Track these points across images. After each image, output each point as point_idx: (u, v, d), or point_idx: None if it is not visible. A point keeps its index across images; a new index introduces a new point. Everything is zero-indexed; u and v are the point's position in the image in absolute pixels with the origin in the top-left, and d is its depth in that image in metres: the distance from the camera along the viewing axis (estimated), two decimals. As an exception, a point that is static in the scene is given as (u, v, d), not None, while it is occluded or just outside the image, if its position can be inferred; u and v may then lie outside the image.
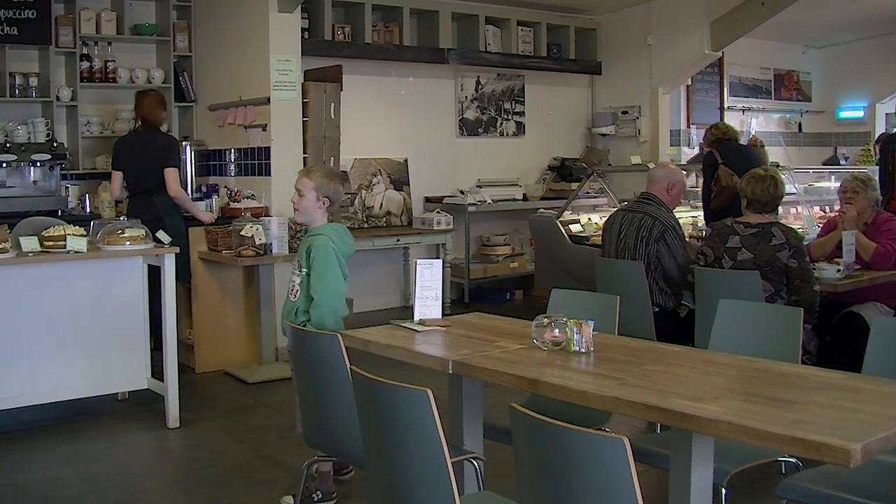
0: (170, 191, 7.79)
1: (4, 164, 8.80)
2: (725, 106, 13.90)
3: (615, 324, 4.62)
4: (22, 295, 6.38)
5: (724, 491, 3.70)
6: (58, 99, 9.35)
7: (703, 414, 2.95)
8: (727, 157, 8.44)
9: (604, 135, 12.83)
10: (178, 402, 6.60)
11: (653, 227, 6.44)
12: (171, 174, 7.88)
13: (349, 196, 10.59)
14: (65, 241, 6.26)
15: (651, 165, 9.96)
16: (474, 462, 3.97)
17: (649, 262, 6.41)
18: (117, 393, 7.10)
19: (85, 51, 9.58)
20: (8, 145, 8.79)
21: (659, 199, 6.62)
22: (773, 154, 12.09)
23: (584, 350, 3.84)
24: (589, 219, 10.12)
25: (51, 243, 6.27)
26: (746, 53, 13.73)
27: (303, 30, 9.57)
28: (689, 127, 13.27)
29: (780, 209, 7.32)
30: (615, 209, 7.33)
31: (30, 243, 6.24)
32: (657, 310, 6.28)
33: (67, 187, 9.33)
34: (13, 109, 9.27)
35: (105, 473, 5.73)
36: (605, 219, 9.77)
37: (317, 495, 4.99)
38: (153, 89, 8.57)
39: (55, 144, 9.06)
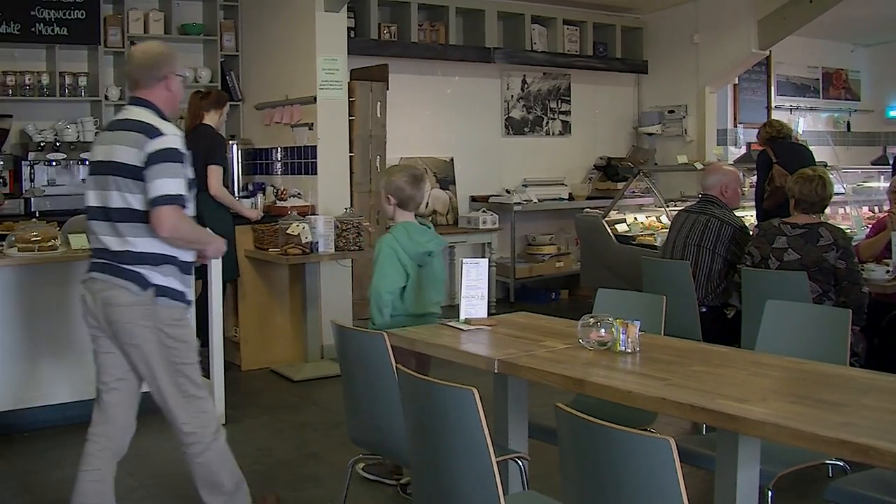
0: (210, 188, 7.70)
1: (54, 163, 8.91)
2: (773, 105, 13.80)
3: (661, 324, 4.60)
4: (71, 291, 6.44)
5: (770, 493, 3.67)
6: (106, 98, 9.43)
7: (750, 415, 2.94)
8: (781, 155, 8.37)
9: (650, 134, 12.77)
10: (224, 399, 6.63)
11: (721, 229, 6.42)
12: (212, 171, 7.70)
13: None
14: (114, 238, 6.31)
15: (698, 165, 9.93)
16: (519, 461, 3.97)
17: (712, 263, 6.40)
18: (164, 389, 7.15)
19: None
20: (58, 144, 8.89)
21: (720, 200, 6.61)
22: (821, 154, 11.97)
23: (629, 350, 3.83)
24: (635, 218, 10.09)
25: (100, 241, 6.32)
26: (794, 52, 13.63)
27: (349, 29, 9.59)
28: (735, 126, 13.18)
29: (828, 209, 7.26)
30: (679, 210, 7.29)
31: (79, 241, 6.30)
32: (704, 310, 6.26)
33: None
34: (63, 108, 9.37)
35: (152, 469, 5.79)
36: (650, 218, 9.79)
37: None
38: (212, 90, 8.53)
39: (104, 143, 9.14)
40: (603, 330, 3.90)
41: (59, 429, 6.57)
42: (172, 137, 4.21)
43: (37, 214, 8.41)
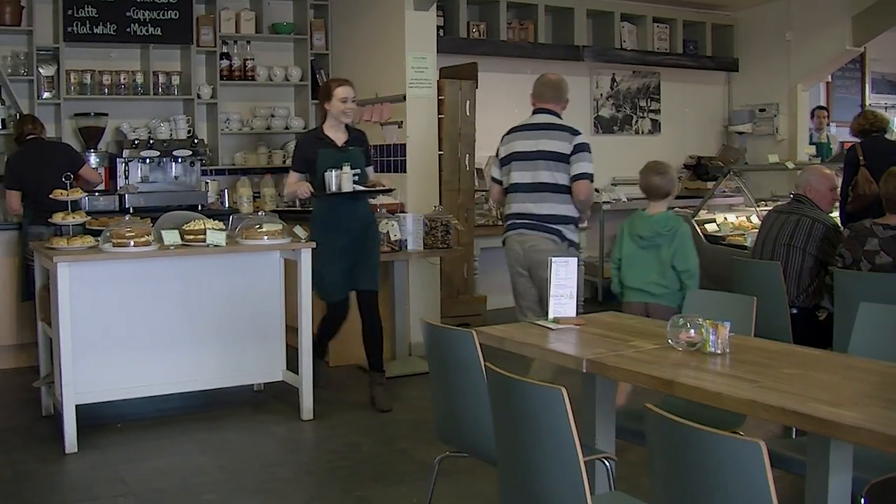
0: None
1: (148, 160, 9.08)
2: (867, 103, 13.57)
3: (751, 325, 4.55)
4: (163, 287, 6.56)
5: (862, 501, 3.60)
6: (198, 97, 9.58)
7: (843, 420, 2.89)
8: (870, 155, 8.18)
9: (741, 133, 12.63)
10: (312, 395, 6.71)
11: (812, 227, 6.34)
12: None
13: (483, 193, 10.61)
14: (205, 234, 6.40)
15: (789, 165, 9.80)
16: (606, 462, 3.95)
17: (803, 262, 6.32)
18: (253, 384, 7.25)
19: (225, 50, 9.80)
20: (151, 142, 9.05)
21: (812, 201, 6.52)
22: (917, 153, 11.73)
23: (719, 351, 3.79)
24: (725, 218, 9.97)
25: (191, 237, 6.42)
26: (890, 48, 13.38)
27: (438, 27, 9.61)
28: (828, 125, 12.97)
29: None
30: (769, 210, 7.21)
31: (171, 237, 6.41)
32: (795, 311, 6.18)
33: (207, 182, 9.56)
34: (156, 107, 9.55)
35: (241, 462, 5.87)
36: (740, 218, 9.69)
37: None
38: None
39: (196, 141, 9.31)
40: (692, 330, 3.87)
41: (150, 420, 6.72)
42: (584, 135, 6.43)
43: (130, 210, 8.55)
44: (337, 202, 6.87)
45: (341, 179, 6.75)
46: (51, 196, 6.64)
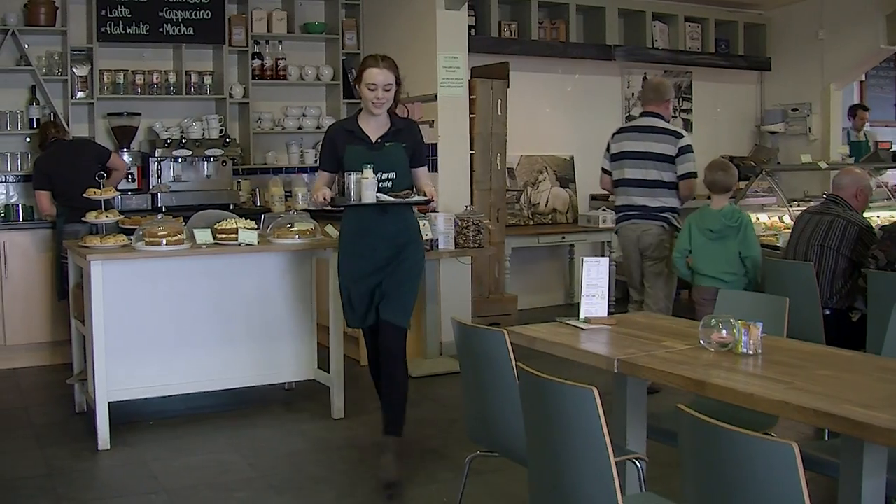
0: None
1: (180, 159, 9.13)
2: (902, 102, 13.49)
3: (784, 326, 4.53)
4: (195, 285, 6.59)
5: (896, 503, 3.60)
6: (231, 96, 9.63)
7: (876, 422, 2.87)
8: None
9: (773, 132, 12.56)
10: (343, 394, 6.72)
11: (846, 228, 6.30)
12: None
13: (515, 193, 10.62)
14: (237, 234, 6.43)
15: (822, 164, 9.75)
16: (637, 462, 3.95)
17: (836, 263, 6.29)
18: (284, 382, 7.27)
19: (257, 49, 9.84)
20: (183, 141, 9.10)
21: (847, 201, 6.49)
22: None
23: (751, 352, 3.78)
24: (757, 218, 9.90)
25: (223, 236, 6.45)
26: (926, 48, 13.29)
27: (469, 27, 9.61)
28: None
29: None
30: (802, 210, 7.20)
31: (203, 235, 6.44)
32: (828, 313, 6.14)
33: (239, 182, 9.60)
34: (189, 106, 9.61)
35: (272, 460, 5.89)
36: (773, 218, 9.63)
37: None
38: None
39: (228, 140, 9.35)
40: (724, 331, 3.86)
41: (181, 418, 6.75)
42: (687, 137, 7.46)
43: (163, 209, 8.60)
44: (362, 214, 5.54)
45: (361, 186, 5.39)
46: (84, 195, 6.68)
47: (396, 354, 5.57)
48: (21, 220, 8.67)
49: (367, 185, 5.34)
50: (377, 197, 5.39)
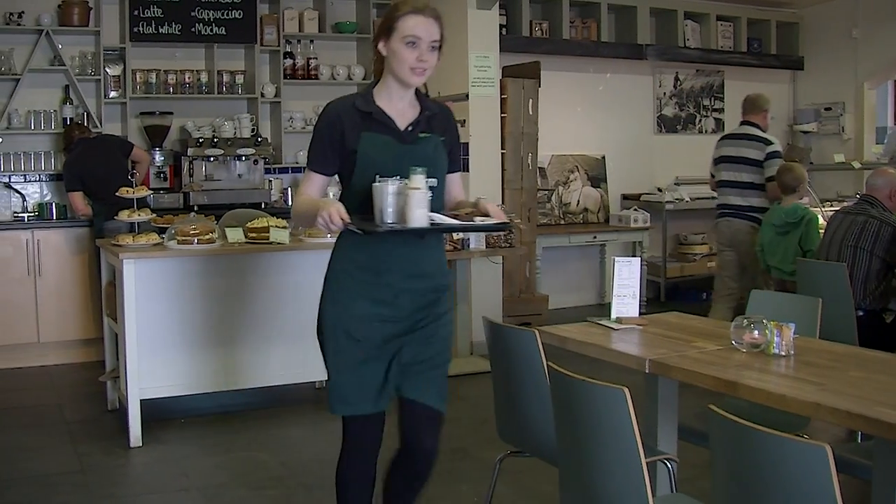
0: None
1: (212, 158, 9.17)
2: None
3: (816, 327, 4.50)
4: (227, 284, 6.61)
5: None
6: (262, 95, 9.67)
7: (910, 424, 2.86)
8: None
9: (806, 132, 12.48)
10: (374, 393, 6.71)
11: (880, 229, 6.26)
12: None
13: (546, 192, 10.61)
14: (268, 232, 6.45)
15: (855, 164, 9.70)
16: (668, 463, 3.93)
17: (869, 264, 6.25)
18: (315, 381, 7.29)
19: (288, 49, 9.87)
20: (215, 140, 9.14)
21: (881, 202, 6.45)
22: None
23: (783, 353, 3.75)
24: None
25: (255, 235, 6.48)
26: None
27: (501, 26, 9.61)
28: (896, 124, 12.80)
29: None
30: (835, 210, 7.18)
31: (235, 234, 6.47)
32: (861, 314, 6.10)
33: (270, 181, 9.64)
34: (221, 106, 9.65)
35: (302, 459, 5.91)
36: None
37: None
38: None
39: (259, 139, 9.38)
40: (756, 332, 3.84)
41: (213, 416, 6.79)
42: (776, 144, 8.30)
43: (195, 208, 8.64)
44: (390, 244, 3.64)
45: (410, 201, 3.42)
46: (117, 194, 6.72)
47: (432, 455, 3.92)
48: (55, 218, 8.75)
49: (416, 201, 3.40)
50: (431, 219, 3.48)
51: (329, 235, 4.15)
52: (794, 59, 12.54)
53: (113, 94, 9.14)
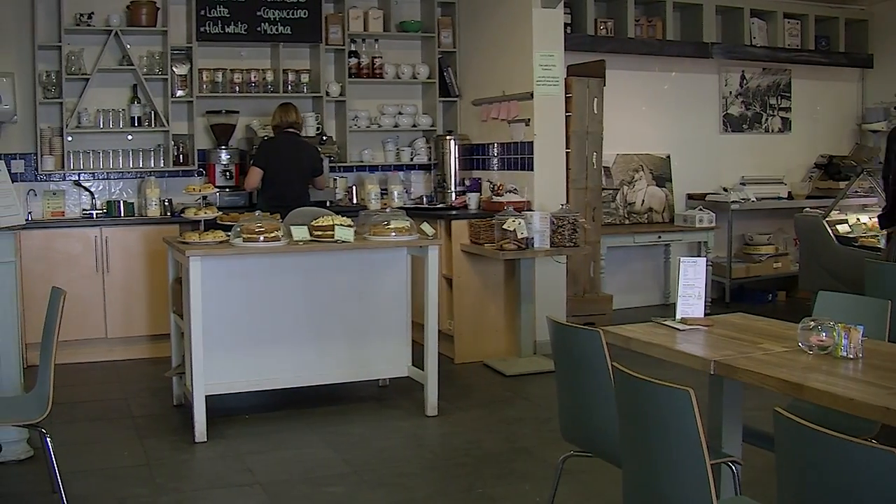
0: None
1: (277, 157, 9.21)
2: None
3: (885, 330, 4.44)
4: (292, 281, 6.66)
5: None
6: (327, 94, 9.70)
7: (983, 429, 2.81)
8: None
9: (875, 131, 12.30)
10: (437, 391, 6.74)
11: None
12: None
13: (611, 192, 10.57)
14: (333, 231, 6.48)
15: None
16: (732, 466, 3.90)
17: None
18: (378, 379, 7.32)
19: (353, 48, 9.90)
20: (281, 139, 9.18)
21: None
22: None
23: (852, 356, 3.71)
24: (857, 219, 9.77)
25: (320, 233, 6.51)
26: None
27: (565, 25, 9.56)
28: None
29: None
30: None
31: (300, 232, 6.50)
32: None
33: (336, 179, 9.67)
34: (286, 104, 9.69)
35: (365, 456, 5.93)
36: (874, 219, 9.46)
37: None
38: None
39: (325, 138, 9.42)
40: (824, 334, 3.80)
41: (277, 412, 6.84)
42: None
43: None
44: None
45: None
46: (184, 190, 6.76)
47: None
48: (122, 215, 8.85)
49: None
50: None
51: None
52: (862, 57, 12.36)
53: (180, 93, 9.23)
